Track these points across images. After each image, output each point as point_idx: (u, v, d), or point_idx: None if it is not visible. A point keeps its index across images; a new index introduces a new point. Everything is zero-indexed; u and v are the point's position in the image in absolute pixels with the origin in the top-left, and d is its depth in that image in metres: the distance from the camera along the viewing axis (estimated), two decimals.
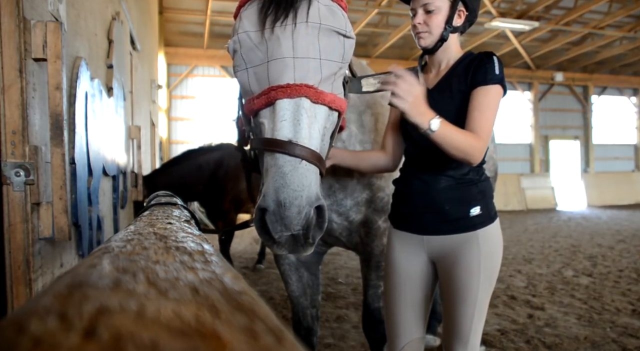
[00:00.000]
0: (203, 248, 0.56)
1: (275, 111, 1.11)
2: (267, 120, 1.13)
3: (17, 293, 1.31)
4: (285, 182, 1.03)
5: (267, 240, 1.08)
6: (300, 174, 1.05)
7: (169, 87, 13.02)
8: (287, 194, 1.02)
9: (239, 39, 1.19)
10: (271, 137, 1.09)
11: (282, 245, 1.07)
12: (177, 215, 1.04)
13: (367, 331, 2.07)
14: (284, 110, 1.11)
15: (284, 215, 1.02)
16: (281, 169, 1.04)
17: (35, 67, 1.45)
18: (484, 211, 1.59)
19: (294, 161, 1.06)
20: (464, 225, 1.58)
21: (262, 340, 0.28)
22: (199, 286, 0.36)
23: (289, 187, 1.03)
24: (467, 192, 1.59)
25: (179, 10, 11.25)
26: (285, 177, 1.03)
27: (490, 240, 1.59)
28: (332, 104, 1.19)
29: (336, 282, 5.07)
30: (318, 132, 1.15)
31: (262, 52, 1.17)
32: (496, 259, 1.61)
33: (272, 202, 1.02)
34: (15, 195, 1.33)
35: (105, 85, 2.59)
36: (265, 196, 1.04)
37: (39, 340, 0.25)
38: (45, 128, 1.51)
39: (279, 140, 1.07)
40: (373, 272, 1.97)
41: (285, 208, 1.01)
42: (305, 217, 1.04)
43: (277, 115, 1.10)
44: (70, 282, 0.35)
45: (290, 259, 2.08)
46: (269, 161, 1.09)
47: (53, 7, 1.59)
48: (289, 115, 1.10)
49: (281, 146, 1.06)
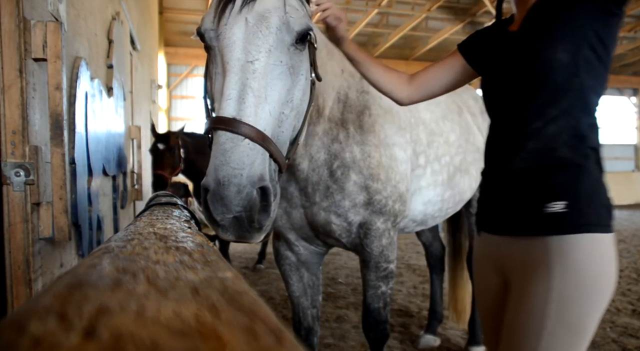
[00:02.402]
0: (203, 248, 0.56)
1: (223, 91, 1.11)
2: (218, 102, 1.13)
3: (17, 293, 1.31)
4: (225, 159, 1.00)
5: (211, 223, 1.05)
6: (241, 152, 1.02)
7: (169, 87, 13.02)
8: (226, 172, 0.99)
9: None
10: (216, 116, 1.09)
11: (226, 228, 1.04)
12: (177, 215, 1.04)
13: (367, 332, 2.07)
14: (230, 89, 1.10)
15: (223, 195, 0.98)
16: (222, 146, 1.02)
17: (35, 67, 1.45)
18: (571, 210, 1.11)
19: (235, 138, 1.03)
20: (532, 224, 1.14)
21: (262, 340, 0.28)
22: (199, 286, 0.36)
23: (228, 165, 1.00)
24: (548, 177, 1.14)
25: (179, 10, 11.24)
26: (226, 154, 1.01)
27: (577, 260, 1.08)
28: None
29: (336, 282, 5.06)
30: (269, 114, 1.13)
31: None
32: (588, 295, 1.08)
33: (212, 181, 1.00)
34: (15, 195, 1.32)
35: (105, 85, 2.59)
36: (207, 175, 1.02)
37: (39, 340, 0.25)
38: (45, 128, 1.51)
39: (223, 118, 1.05)
40: (372, 273, 1.97)
41: (224, 187, 0.98)
42: (246, 197, 1.01)
43: (224, 95, 1.10)
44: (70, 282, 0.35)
45: (290, 259, 2.08)
46: (213, 140, 1.07)
47: (53, 7, 1.59)
48: (235, 94, 1.09)
49: (225, 123, 1.04)
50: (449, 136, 2.33)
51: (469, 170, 2.45)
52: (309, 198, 1.83)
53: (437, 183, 2.22)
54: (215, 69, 1.20)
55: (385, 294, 2.00)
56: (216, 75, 1.19)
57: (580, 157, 1.14)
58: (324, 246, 2.09)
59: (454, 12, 11.84)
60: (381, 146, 1.87)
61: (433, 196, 2.23)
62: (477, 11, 11.44)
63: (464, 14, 11.69)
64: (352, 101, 1.86)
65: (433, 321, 3.34)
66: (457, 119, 2.49)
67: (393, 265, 1.98)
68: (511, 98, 1.24)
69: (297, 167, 1.76)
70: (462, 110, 2.61)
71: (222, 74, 1.15)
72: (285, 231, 2.01)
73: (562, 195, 1.12)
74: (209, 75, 1.27)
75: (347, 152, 1.80)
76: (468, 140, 2.48)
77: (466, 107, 2.70)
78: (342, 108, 1.82)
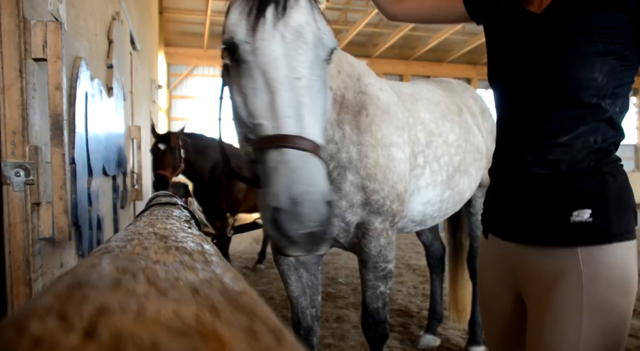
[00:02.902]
0: (203, 248, 0.56)
1: (277, 108, 1.10)
2: (266, 120, 1.12)
3: (17, 293, 1.31)
4: (298, 177, 1.00)
5: (281, 241, 1.03)
6: (312, 169, 1.03)
7: (169, 87, 13.01)
8: (300, 189, 0.98)
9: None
10: (276, 133, 1.07)
11: (298, 244, 1.02)
12: (177, 215, 1.04)
13: (366, 332, 2.07)
14: (286, 107, 1.10)
15: (299, 212, 0.98)
16: (292, 164, 1.02)
17: (35, 67, 1.45)
18: (597, 220, 1.05)
19: (305, 156, 1.04)
20: (559, 234, 1.09)
21: (262, 340, 0.28)
22: (199, 286, 0.36)
23: (302, 183, 1.00)
24: (573, 185, 1.08)
25: (179, 10, 11.24)
26: (297, 171, 1.01)
27: (606, 269, 1.05)
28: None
29: (336, 282, 5.07)
30: (320, 128, 1.14)
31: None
32: (620, 302, 1.06)
33: (285, 199, 0.98)
34: (15, 195, 1.32)
35: (105, 85, 2.58)
36: (276, 194, 1.00)
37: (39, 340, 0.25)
38: (45, 128, 1.51)
39: (287, 135, 1.05)
40: (371, 273, 1.97)
41: (299, 205, 0.98)
42: (321, 212, 1.00)
43: (279, 112, 1.09)
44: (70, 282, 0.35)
45: (289, 259, 2.08)
46: (275, 158, 1.05)
47: (53, 7, 1.59)
48: (292, 112, 1.09)
49: (290, 141, 1.04)
50: (448, 136, 2.33)
51: (468, 170, 2.45)
52: None
53: (436, 183, 2.22)
54: (252, 84, 1.15)
55: (384, 294, 2.00)
56: (254, 91, 1.14)
57: (605, 165, 1.10)
58: None
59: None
60: (378, 146, 1.86)
61: (432, 196, 2.23)
62: None
63: None
64: (349, 102, 1.85)
65: (433, 321, 3.34)
66: (457, 119, 2.49)
67: (392, 264, 1.98)
68: (530, 100, 1.17)
69: None
70: (462, 110, 2.61)
71: (266, 91, 1.12)
72: None
73: (588, 203, 1.06)
74: (239, 89, 1.20)
75: (343, 152, 1.80)
76: (468, 140, 2.48)
77: (466, 107, 2.70)
78: (338, 109, 1.82)
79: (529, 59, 1.18)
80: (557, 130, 1.11)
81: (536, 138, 1.14)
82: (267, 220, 1.03)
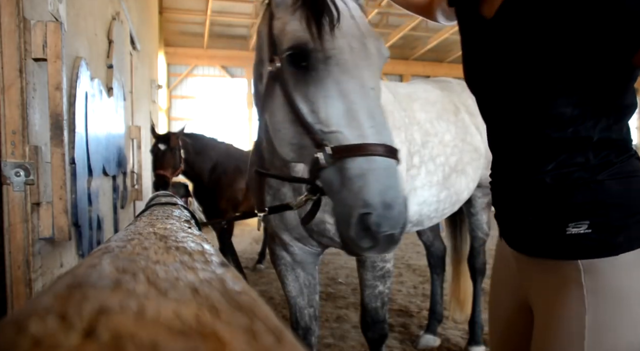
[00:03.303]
0: (203, 248, 0.56)
1: (358, 117, 1.12)
2: (346, 128, 1.13)
3: (17, 293, 1.31)
4: (390, 183, 1.06)
5: (365, 242, 1.07)
6: (399, 176, 1.11)
7: (169, 87, 13.01)
8: (392, 195, 1.05)
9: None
10: (362, 142, 1.10)
11: (380, 245, 1.07)
12: (177, 215, 1.04)
13: (365, 331, 2.07)
14: (367, 116, 1.13)
15: (391, 215, 1.04)
16: (385, 171, 1.07)
17: (35, 67, 1.45)
18: (597, 231, 0.96)
19: (393, 163, 1.10)
20: (556, 247, 1.02)
21: (262, 340, 0.28)
22: (199, 286, 0.36)
23: (393, 189, 1.06)
24: (566, 198, 1.00)
25: (179, 10, 11.24)
26: (389, 178, 1.07)
27: (610, 282, 0.96)
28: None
29: (336, 282, 5.07)
30: (391, 131, 1.19)
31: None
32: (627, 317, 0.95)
33: (379, 204, 1.04)
34: (15, 195, 1.32)
35: (105, 85, 2.58)
36: (367, 199, 1.05)
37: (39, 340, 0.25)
38: (45, 128, 1.51)
39: (374, 144, 1.09)
40: (369, 272, 1.97)
41: (391, 209, 1.04)
42: (405, 215, 1.08)
43: (361, 121, 1.12)
44: (70, 282, 0.35)
45: (286, 259, 2.09)
46: (362, 165, 1.08)
47: (53, 7, 1.59)
48: (374, 122, 1.13)
49: (378, 149, 1.09)
50: (444, 136, 2.33)
51: (465, 170, 2.45)
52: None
53: (432, 183, 2.22)
54: (323, 92, 1.16)
55: (382, 293, 2.00)
56: (326, 99, 1.15)
57: (603, 173, 0.98)
58: (318, 246, 2.09)
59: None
60: None
61: (428, 196, 2.23)
62: None
63: None
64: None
65: (433, 321, 3.34)
66: (453, 119, 2.49)
67: (390, 264, 1.98)
68: (501, 124, 1.12)
69: (293, 168, 1.76)
70: (460, 110, 2.61)
71: (341, 99, 1.15)
72: (280, 231, 2.02)
73: (584, 215, 0.97)
74: (305, 96, 1.19)
75: None
76: (465, 140, 2.48)
77: (464, 106, 2.70)
78: None
79: (487, 76, 1.10)
80: (538, 159, 1.03)
81: (517, 163, 1.09)
82: (349, 222, 1.07)
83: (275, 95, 1.24)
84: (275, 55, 1.23)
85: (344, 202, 1.08)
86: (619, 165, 0.99)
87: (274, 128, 1.28)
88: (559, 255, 1.01)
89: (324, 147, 1.11)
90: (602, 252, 0.96)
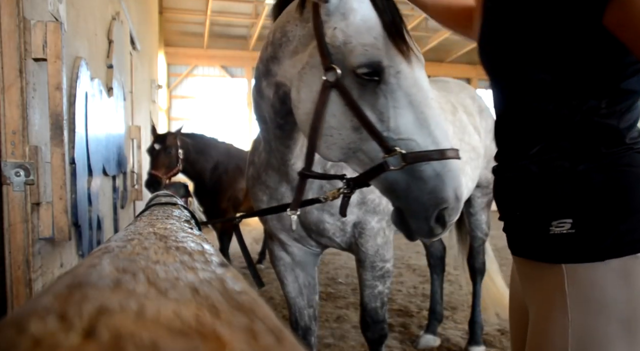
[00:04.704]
0: (203, 248, 0.56)
1: (429, 126, 1.23)
2: (419, 136, 1.22)
3: (17, 293, 1.31)
4: (460, 182, 1.23)
5: (438, 230, 1.24)
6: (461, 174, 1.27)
7: (169, 87, 13.02)
8: (461, 191, 1.23)
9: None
10: (438, 148, 1.21)
11: (440, 231, 1.24)
12: (177, 215, 1.04)
13: (365, 331, 2.07)
14: (439, 124, 1.24)
15: (458, 207, 1.23)
16: (456, 172, 1.22)
17: (35, 67, 1.45)
18: (580, 232, 0.88)
19: (459, 163, 1.24)
20: (540, 247, 0.95)
21: (262, 340, 0.28)
22: (199, 286, 0.36)
23: (462, 186, 1.24)
24: (550, 188, 0.92)
25: (179, 10, 11.24)
26: (459, 178, 1.23)
27: (594, 294, 0.87)
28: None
29: (336, 282, 5.07)
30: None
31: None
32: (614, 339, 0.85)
33: (453, 198, 1.20)
34: (15, 195, 1.32)
35: (105, 85, 2.58)
36: (445, 196, 1.19)
37: (39, 340, 0.25)
38: (45, 128, 1.51)
39: (448, 149, 1.21)
40: (368, 272, 1.97)
41: (459, 201, 1.22)
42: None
43: (435, 129, 1.22)
44: (70, 282, 0.35)
45: (285, 260, 2.10)
46: (438, 168, 1.20)
47: (53, 7, 1.59)
48: (445, 129, 1.25)
49: (451, 154, 1.21)
50: None
51: (464, 169, 2.45)
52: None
53: None
54: (393, 103, 1.24)
55: (382, 293, 2.00)
56: (396, 110, 1.24)
57: (588, 161, 0.89)
58: (317, 246, 2.09)
59: None
60: None
61: None
62: None
63: None
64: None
65: (433, 321, 3.34)
66: (451, 118, 2.49)
67: (389, 264, 1.99)
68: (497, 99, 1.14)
69: (292, 167, 1.76)
70: (457, 110, 2.62)
71: (411, 110, 1.24)
72: (278, 232, 2.02)
73: (567, 211, 0.88)
74: (374, 106, 1.25)
75: None
76: (462, 140, 2.48)
77: (462, 106, 2.71)
78: None
79: (483, 46, 1.15)
80: (524, 140, 1.01)
81: (508, 147, 1.10)
82: (428, 216, 1.21)
83: (331, 103, 1.27)
84: (332, 65, 1.25)
85: (420, 199, 1.21)
86: (610, 157, 0.88)
87: (323, 133, 1.31)
88: (542, 257, 0.94)
89: (394, 153, 1.20)
90: (586, 256, 0.86)
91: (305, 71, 1.33)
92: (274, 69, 1.46)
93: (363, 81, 1.24)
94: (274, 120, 1.58)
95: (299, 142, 1.70)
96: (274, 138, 1.66)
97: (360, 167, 1.31)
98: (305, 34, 1.34)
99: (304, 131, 1.38)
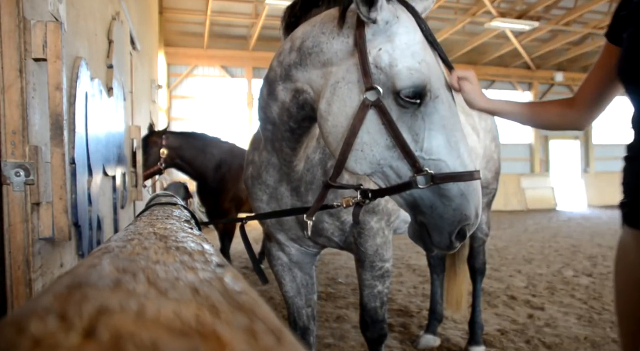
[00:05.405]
0: (203, 248, 0.56)
1: (459, 147, 1.29)
2: (448, 157, 1.28)
3: (17, 293, 1.31)
4: (480, 200, 1.31)
5: (457, 244, 1.32)
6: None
7: (169, 87, 13.02)
8: (480, 208, 1.32)
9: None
10: (465, 170, 1.27)
11: (457, 245, 1.33)
12: (177, 215, 1.04)
13: (364, 331, 2.07)
14: (465, 148, 1.31)
15: (477, 223, 1.33)
16: (478, 192, 1.30)
17: (35, 67, 1.45)
18: None
19: (480, 183, 1.33)
20: None
21: (262, 340, 0.28)
22: (199, 286, 0.36)
23: (480, 203, 1.32)
24: None
25: (179, 10, 11.24)
26: (480, 196, 1.31)
27: None
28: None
29: (336, 282, 5.07)
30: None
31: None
32: None
33: (474, 217, 1.30)
34: (15, 195, 1.32)
35: (105, 85, 2.59)
36: (468, 214, 1.28)
37: (39, 340, 0.25)
38: (45, 128, 1.51)
39: (473, 171, 1.28)
40: (368, 272, 1.98)
41: (479, 218, 1.32)
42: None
43: (462, 152, 1.29)
44: (70, 282, 0.35)
45: (282, 260, 2.10)
46: (464, 189, 1.27)
47: (53, 7, 1.59)
48: (464, 150, 1.31)
49: (475, 176, 1.29)
50: None
51: None
52: (301, 197, 1.84)
53: None
54: (428, 125, 1.28)
55: (381, 293, 2.00)
56: (430, 132, 1.28)
57: None
58: (314, 246, 2.09)
59: (453, 12, 11.83)
60: None
61: None
62: (477, 11, 11.43)
63: (464, 14, 11.68)
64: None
65: (433, 321, 3.34)
66: None
67: (389, 263, 1.99)
68: None
69: (293, 168, 1.77)
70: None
71: (442, 132, 1.29)
72: (275, 232, 2.03)
73: None
74: (411, 127, 1.29)
75: None
76: None
77: (460, 107, 2.70)
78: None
79: (629, 65, 1.25)
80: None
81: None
82: (451, 231, 1.29)
83: (368, 121, 1.30)
84: (375, 85, 1.27)
85: (444, 215, 1.28)
86: None
87: (354, 148, 1.33)
88: None
89: (423, 172, 1.25)
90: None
91: (341, 86, 1.33)
92: (296, 75, 1.46)
93: (405, 103, 1.27)
94: (286, 123, 1.58)
95: (304, 145, 1.71)
96: (282, 139, 1.65)
97: (383, 181, 1.35)
98: (343, 49, 1.35)
99: (330, 143, 1.39)
